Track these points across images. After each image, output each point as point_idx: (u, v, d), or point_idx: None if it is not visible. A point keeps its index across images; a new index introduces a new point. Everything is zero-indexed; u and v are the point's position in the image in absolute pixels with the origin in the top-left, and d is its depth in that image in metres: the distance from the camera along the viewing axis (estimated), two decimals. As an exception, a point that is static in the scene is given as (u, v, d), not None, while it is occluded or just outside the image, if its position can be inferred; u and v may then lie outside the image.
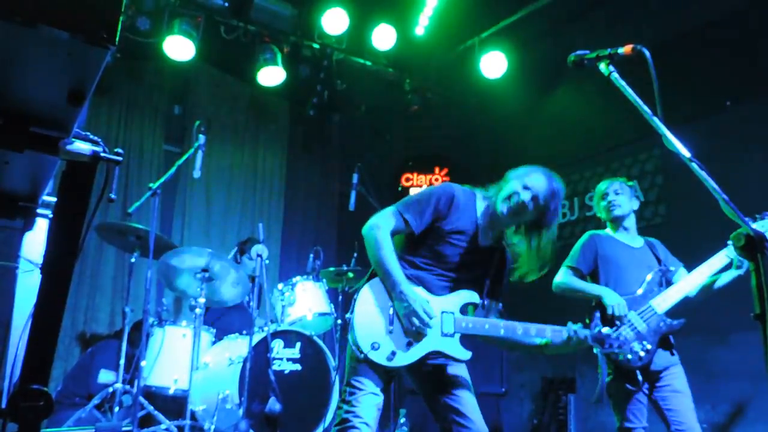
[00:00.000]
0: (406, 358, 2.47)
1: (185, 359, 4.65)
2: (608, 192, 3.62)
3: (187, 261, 4.74)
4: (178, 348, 4.77)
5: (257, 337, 4.48)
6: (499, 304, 2.74)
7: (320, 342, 4.77)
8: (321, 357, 4.72)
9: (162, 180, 4.53)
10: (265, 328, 4.57)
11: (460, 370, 2.66)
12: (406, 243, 2.66)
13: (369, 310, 2.51)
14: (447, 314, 2.55)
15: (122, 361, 4.39)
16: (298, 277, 5.12)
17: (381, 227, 2.53)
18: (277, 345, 4.60)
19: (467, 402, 2.58)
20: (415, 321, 2.43)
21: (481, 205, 2.68)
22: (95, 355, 5.11)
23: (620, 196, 3.61)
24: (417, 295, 2.49)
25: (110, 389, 4.37)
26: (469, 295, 2.62)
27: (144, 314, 4.33)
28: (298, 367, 4.63)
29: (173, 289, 5.02)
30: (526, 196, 2.59)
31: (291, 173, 7.56)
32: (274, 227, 7.23)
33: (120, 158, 1.22)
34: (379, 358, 2.45)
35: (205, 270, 4.70)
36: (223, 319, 5.39)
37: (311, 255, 5.32)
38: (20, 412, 1.24)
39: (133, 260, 4.69)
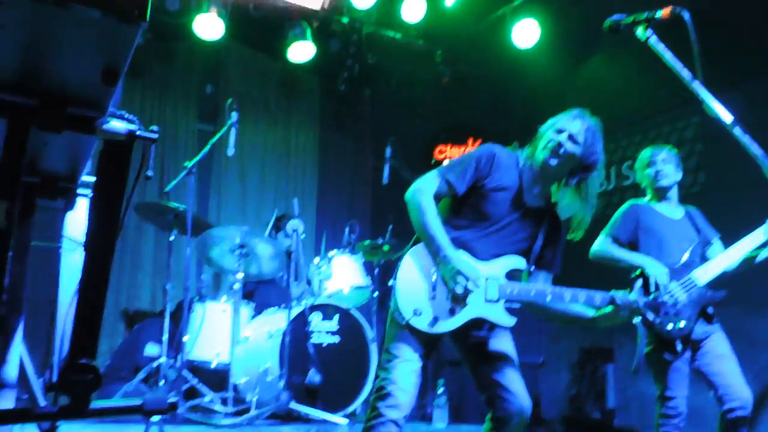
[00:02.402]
0: (449, 324, 2.45)
1: (226, 333, 4.76)
2: (655, 160, 3.55)
3: (224, 238, 4.82)
4: (219, 323, 4.88)
5: (295, 311, 4.53)
6: (549, 272, 2.67)
7: (358, 314, 4.81)
8: (359, 329, 4.75)
9: (197, 159, 4.58)
10: (303, 302, 4.63)
11: (505, 342, 2.62)
12: (450, 207, 2.62)
13: (412, 276, 2.48)
14: (491, 280, 2.50)
15: (165, 337, 4.48)
16: (334, 251, 5.15)
17: (424, 191, 2.50)
18: (315, 318, 4.66)
19: (511, 375, 2.54)
20: (459, 286, 2.39)
21: (523, 164, 2.62)
22: (141, 332, 5.21)
23: (668, 165, 3.54)
24: (461, 259, 2.45)
25: (155, 364, 4.49)
26: (515, 261, 2.57)
27: (185, 291, 4.42)
28: (336, 339, 4.69)
29: (212, 265, 5.11)
30: (562, 137, 2.53)
31: (324, 148, 7.56)
32: (309, 203, 7.25)
33: (155, 135, 1.22)
34: (421, 324, 2.43)
35: (242, 246, 4.76)
36: (261, 294, 5.46)
37: (346, 229, 5.36)
38: (71, 386, 1.26)
39: (171, 238, 4.78)
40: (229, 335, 4.67)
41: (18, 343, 1.47)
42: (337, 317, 4.72)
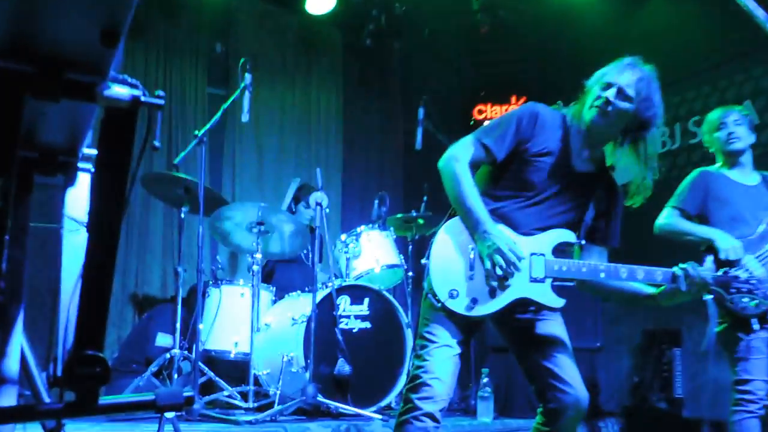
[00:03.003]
0: (489, 307, 2.44)
1: (245, 320, 4.77)
2: (726, 122, 3.52)
3: (240, 215, 4.85)
4: (237, 309, 4.93)
5: (321, 294, 4.54)
6: (604, 245, 2.66)
7: (391, 297, 4.82)
8: (392, 313, 4.77)
9: (207, 126, 4.59)
10: (329, 284, 4.64)
11: (556, 325, 2.61)
12: (489, 175, 2.62)
13: (447, 254, 2.48)
14: (537, 256, 2.49)
15: (178, 325, 4.55)
16: (362, 227, 5.16)
17: (459, 159, 2.50)
18: (343, 302, 4.68)
19: (565, 363, 2.53)
20: (501, 264, 2.38)
21: (569, 124, 2.59)
22: (151, 320, 5.31)
23: (740, 127, 3.52)
24: (503, 234, 2.44)
25: (168, 355, 4.55)
26: (564, 235, 2.55)
27: (198, 274, 4.43)
28: (367, 324, 4.71)
29: (227, 244, 5.16)
30: (611, 93, 2.50)
31: (349, 112, 7.52)
32: (333, 173, 7.24)
33: (162, 101, 1.22)
34: (458, 306, 2.43)
35: (260, 223, 4.80)
36: (282, 276, 5.54)
37: (376, 201, 5.34)
38: (77, 380, 1.26)
39: (182, 216, 4.83)
40: (249, 322, 4.69)
41: (18, 334, 1.48)
42: (367, 300, 4.73)
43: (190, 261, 5.56)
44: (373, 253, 5.08)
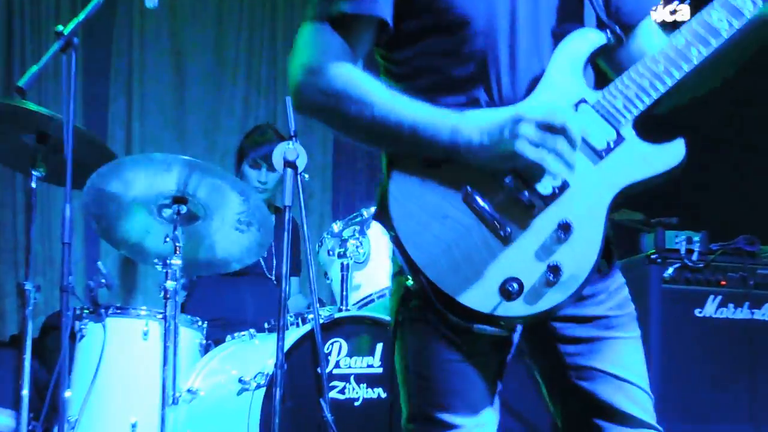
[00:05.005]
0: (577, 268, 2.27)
1: (151, 383, 4.62)
2: None
3: (141, 182, 4.65)
4: (136, 360, 4.82)
5: (294, 335, 4.47)
6: (647, 12, 2.65)
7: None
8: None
9: (79, 19, 4.20)
10: (309, 316, 4.58)
11: (627, 347, 2.52)
12: (386, 71, 2.55)
13: (423, 234, 2.30)
14: (574, 116, 2.32)
15: (25, 392, 4.28)
16: (372, 209, 4.77)
17: (322, 65, 2.39)
18: (336, 349, 4.57)
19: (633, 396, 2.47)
20: (553, 164, 2.21)
21: None
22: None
23: None
24: (499, 117, 2.26)
25: (3, 449, 4.49)
26: (579, 44, 2.43)
27: (62, 295, 3.98)
28: (379, 392, 4.61)
29: (117, 243, 5.08)
30: None
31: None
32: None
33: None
34: (480, 302, 2.26)
35: (179, 199, 4.60)
36: (222, 301, 5.53)
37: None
38: None
39: (33, 185, 4.62)
40: (158, 386, 4.46)
41: None
42: (380, 348, 4.65)
43: (48, 271, 5.53)
44: (389, 258, 4.63)
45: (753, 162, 6.51)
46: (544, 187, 2.27)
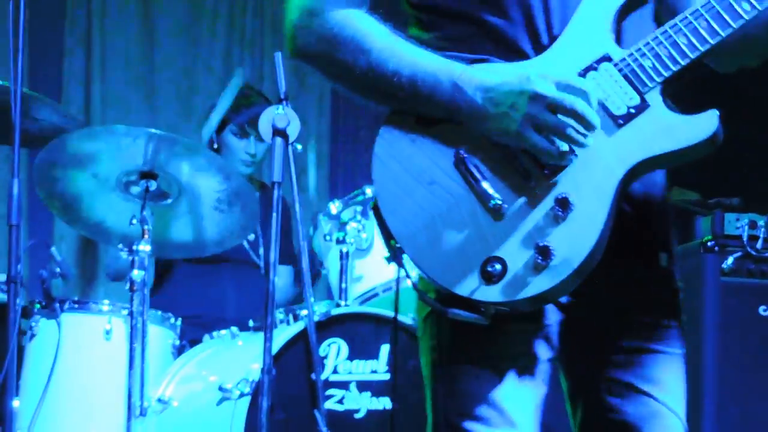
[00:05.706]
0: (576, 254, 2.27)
1: (113, 390, 4.70)
2: None
3: (104, 155, 4.70)
4: (96, 364, 4.90)
5: (284, 335, 4.54)
6: None
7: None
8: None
9: None
10: (302, 312, 4.68)
11: (667, 363, 2.56)
12: (420, 11, 2.58)
13: (412, 212, 2.37)
14: (598, 68, 2.37)
15: None
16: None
17: (321, 6, 2.48)
18: (334, 351, 4.69)
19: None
20: (567, 131, 2.25)
21: None
22: None
23: None
24: (507, 79, 2.30)
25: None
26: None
27: (9, 287, 4.00)
28: (385, 402, 4.73)
29: (76, 221, 5.11)
30: None
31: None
32: (314, 81, 7.43)
33: None
34: (492, 293, 2.28)
35: (147, 174, 4.65)
36: (198, 295, 5.67)
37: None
38: None
39: None
40: (122, 396, 4.50)
41: None
42: (385, 350, 4.76)
43: (-4, 259, 5.72)
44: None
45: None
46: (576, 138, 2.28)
